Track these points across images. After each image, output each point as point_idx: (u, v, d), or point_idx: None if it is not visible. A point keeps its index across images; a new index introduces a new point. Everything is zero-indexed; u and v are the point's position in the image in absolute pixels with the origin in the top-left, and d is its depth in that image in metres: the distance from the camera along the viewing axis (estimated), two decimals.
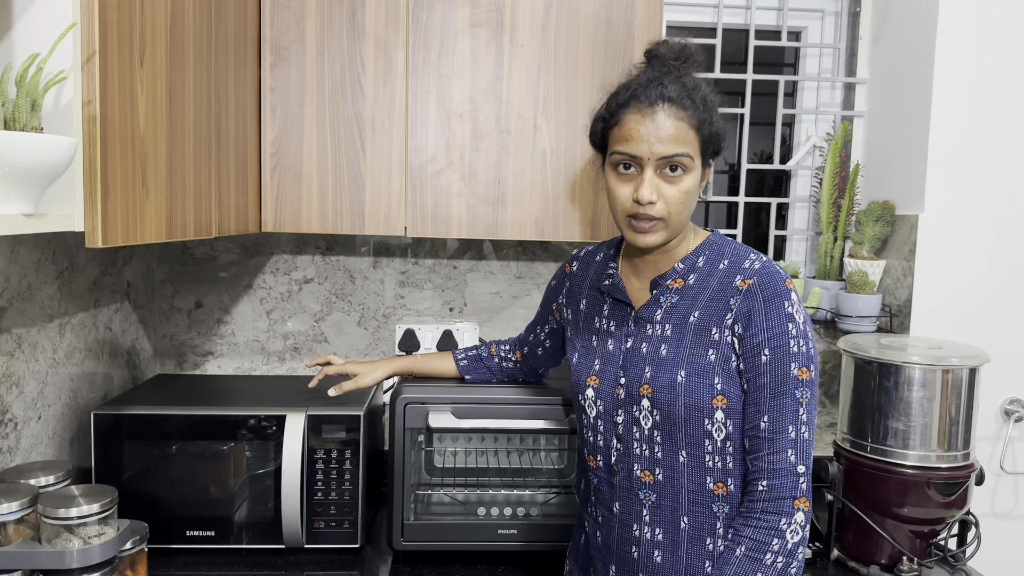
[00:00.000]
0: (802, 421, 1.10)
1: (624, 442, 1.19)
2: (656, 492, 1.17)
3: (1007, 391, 1.87)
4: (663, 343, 1.17)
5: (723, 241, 1.22)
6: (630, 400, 1.18)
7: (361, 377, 1.53)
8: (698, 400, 1.12)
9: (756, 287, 1.13)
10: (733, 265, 1.17)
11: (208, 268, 1.99)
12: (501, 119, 1.62)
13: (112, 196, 0.97)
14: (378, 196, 1.61)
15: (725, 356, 1.13)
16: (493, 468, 1.81)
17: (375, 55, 1.59)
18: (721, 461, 1.14)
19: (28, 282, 1.38)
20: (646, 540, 1.18)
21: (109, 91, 0.95)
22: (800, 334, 1.11)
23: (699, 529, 1.15)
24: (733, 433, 1.13)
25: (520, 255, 2.04)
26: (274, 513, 1.53)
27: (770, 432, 1.10)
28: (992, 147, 1.82)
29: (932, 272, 1.83)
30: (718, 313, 1.14)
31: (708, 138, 1.14)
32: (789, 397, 1.09)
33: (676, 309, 1.18)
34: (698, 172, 1.15)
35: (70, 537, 1.11)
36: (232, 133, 1.44)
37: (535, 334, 1.52)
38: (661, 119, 1.11)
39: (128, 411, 1.51)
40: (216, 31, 1.34)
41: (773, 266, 1.15)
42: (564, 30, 1.60)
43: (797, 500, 1.09)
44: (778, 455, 1.09)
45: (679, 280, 1.20)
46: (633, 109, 1.13)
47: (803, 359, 1.10)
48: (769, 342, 1.10)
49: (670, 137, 1.11)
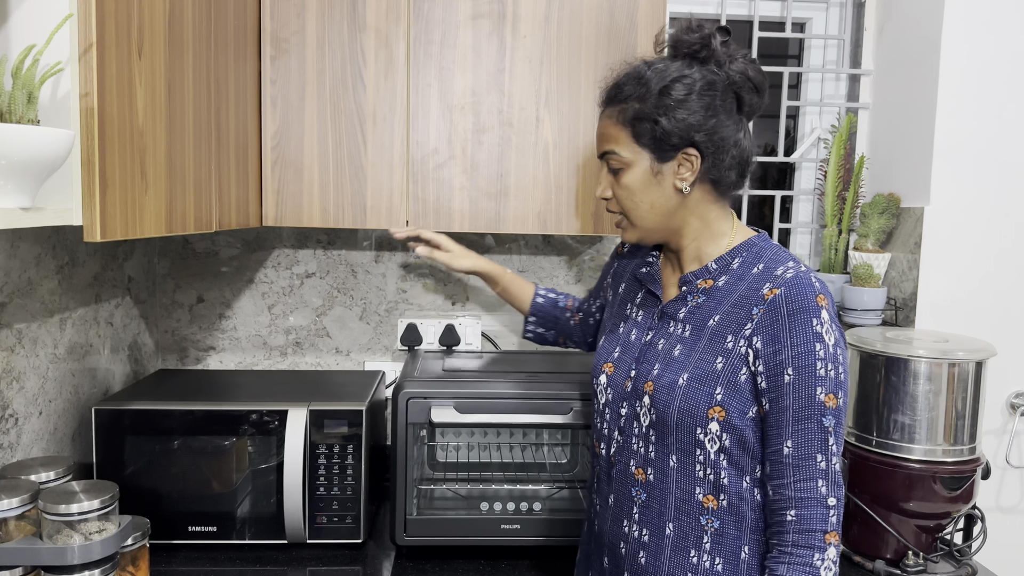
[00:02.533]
0: (832, 452, 1.03)
1: (624, 435, 1.18)
2: (647, 492, 1.14)
3: (1013, 385, 1.86)
4: (679, 343, 1.13)
5: (765, 244, 1.15)
6: (634, 394, 1.16)
7: (453, 257, 1.54)
8: (693, 407, 1.08)
9: (781, 299, 1.04)
10: (766, 271, 1.10)
11: (209, 263, 1.98)
12: (503, 112, 1.60)
13: (111, 189, 0.96)
14: (379, 190, 1.60)
15: (734, 367, 1.06)
16: (496, 463, 1.80)
17: (376, 47, 1.57)
18: (714, 474, 1.08)
19: (28, 277, 1.37)
20: (633, 539, 1.15)
21: (107, 83, 0.94)
22: (829, 356, 1.02)
23: (684, 539, 1.11)
24: (730, 448, 1.07)
25: (523, 249, 2.03)
26: (276, 508, 1.53)
27: (795, 459, 1.03)
28: (998, 139, 1.81)
29: (938, 265, 1.82)
30: (737, 321, 1.08)
31: (643, 130, 1.10)
32: (815, 423, 1.02)
33: (699, 310, 1.13)
34: (641, 166, 1.12)
35: (71, 533, 1.10)
36: (232, 126, 1.43)
37: (588, 303, 1.52)
38: (600, 120, 1.17)
39: (129, 406, 1.50)
40: (216, 23, 1.32)
41: (807, 278, 1.06)
42: (567, 21, 1.59)
43: (828, 534, 1.02)
44: (806, 483, 1.02)
45: (709, 280, 1.14)
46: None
47: (830, 385, 1.02)
48: (793, 360, 1.02)
49: (600, 136, 1.16)
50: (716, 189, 1.14)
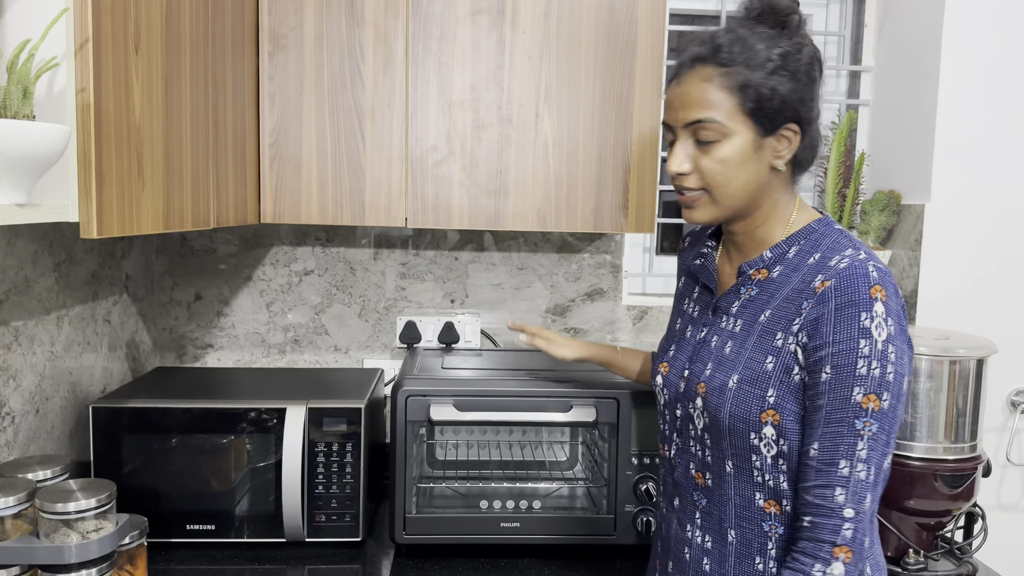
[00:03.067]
0: (859, 458, 0.94)
1: (682, 437, 1.13)
2: (706, 497, 1.09)
3: (1014, 382, 1.86)
4: (730, 340, 1.07)
5: (826, 230, 1.06)
6: (688, 395, 1.10)
7: (552, 345, 1.45)
8: (745, 411, 1.01)
9: (831, 291, 0.96)
10: (822, 260, 1.01)
11: (207, 260, 1.98)
12: (503, 108, 1.60)
13: (107, 186, 0.95)
14: (378, 187, 1.60)
15: (786, 367, 0.99)
16: (495, 461, 1.80)
17: (374, 43, 1.57)
18: (773, 479, 1.02)
19: (25, 274, 1.36)
20: (697, 544, 1.10)
21: (103, 79, 0.94)
22: (875, 354, 0.93)
23: (747, 546, 1.05)
24: (788, 453, 1.00)
25: (522, 246, 2.02)
26: (275, 506, 1.52)
27: (819, 462, 0.96)
28: (999, 136, 1.80)
29: (938, 262, 1.82)
30: (788, 316, 1.00)
31: (755, 101, 1.00)
32: (846, 426, 0.94)
33: (752, 303, 1.06)
34: (743, 139, 1.01)
35: (68, 532, 1.09)
36: (230, 123, 1.42)
37: None
38: (688, 82, 1.03)
39: (127, 404, 1.49)
40: (213, 19, 1.32)
41: (864, 267, 0.97)
42: (566, 17, 1.58)
43: (838, 548, 0.94)
44: (824, 490, 0.95)
45: (764, 271, 1.07)
46: (673, 75, 1.07)
47: (873, 385, 0.94)
48: (832, 358, 0.95)
49: (692, 101, 1.02)
50: (796, 170, 1.08)
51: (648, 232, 1.66)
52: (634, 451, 1.50)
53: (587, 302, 2.04)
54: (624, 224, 1.63)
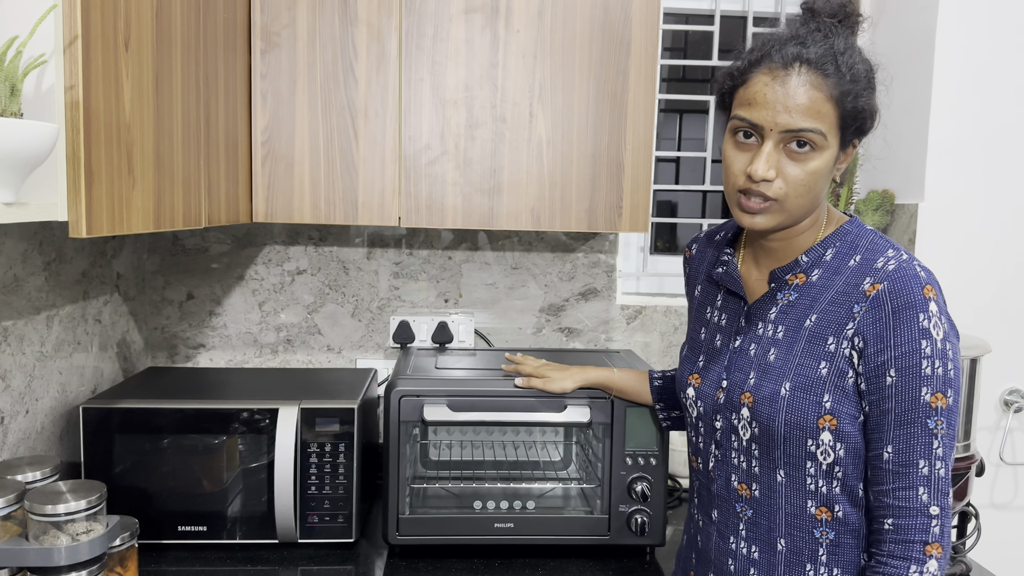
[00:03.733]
0: (936, 456, 0.95)
1: (722, 449, 1.10)
2: (752, 508, 1.07)
3: (1007, 381, 1.86)
4: (773, 347, 1.05)
5: (859, 231, 1.06)
6: (730, 406, 1.08)
7: (549, 382, 1.46)
8: (801, 418, 1.00)
9: (885, 295, 0.96)
10: (865, 263, 1.01)
11: (199, 259, 1.96)
12: (497, 107, 1.59)
13: (96, 184, 0.94)
14: (371, 185, 1.59)
15: (840, 371, 0.99)
16: (489, 461, 1.79)
17: (368, 41, 1.56)
18: (826, 485, 1.02)
19: (14, 273, 1.35)
20: (742, 555, 1.09)
21: (92, 76, 0.92)
22: (937, 353, 0.94)
23: (798, 554, 1.04)
24: (844, 458, 1.00)
25: (516, 246, 2.02)
26: (267, 507, 1.51)
27: (896, 464, 0.96)
28: (992, 136, 1.80)
29: (932, 261, 1.82)
30: (838, 320, 1.00)
31: (849, 113, 0.98)
32: (919, 426, 0.95)
33: (793, 309, 1.05)
34: (832, 152, 0.99)
35: (58, 534, 1.08)
36: (222, 121, 1.41)
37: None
38: (793, 85, 0.96)
39: (118, 405, 1.48)
40: (205, 16, 1.31)
41: (912, 268, 0.97)
42: (561, 16, 1.58)
43: (929, 545, 0.95)
44: (907, 491, 0.96)
45: (801, 275, 1.06)
46: (764, 69, 0.98)
47: (938, 383, 0.94)
48: (896, 361, 0.95)
49: (801, 107, 0.96)
50: (836, 178, 1.06)
51: (642, 231, 1.65)
52: (628, 451, 1.50)
53: (581, 301, 2.03)
54: (618, 223, 1.63)
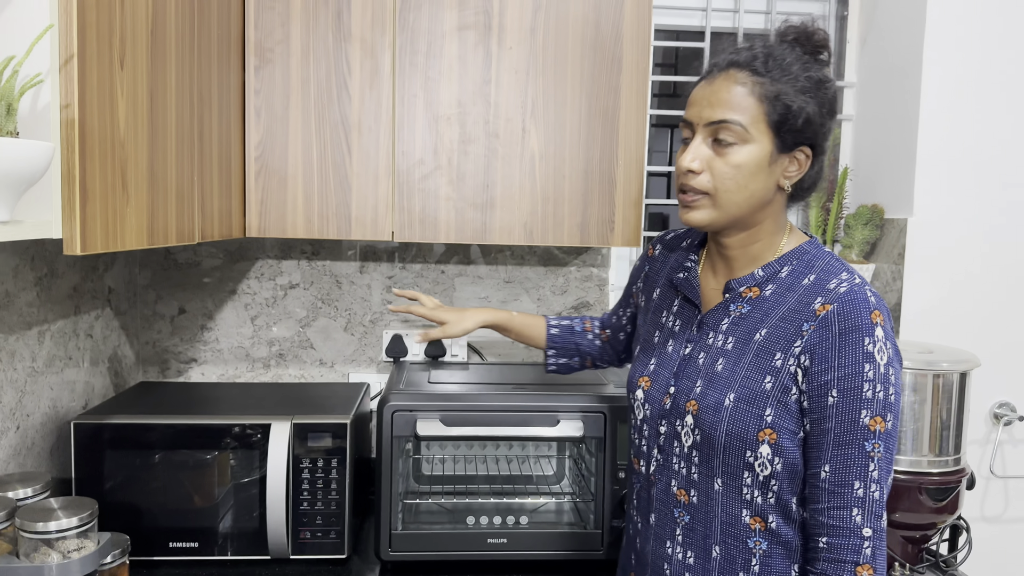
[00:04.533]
0: (872, 478, 0.97)
1: (664, 454, 1.12)
2: (690, 514, 1.09)
3: (996, 395, 1.87)
4: (721, 357, 1.07)
5: (817, 252, 1.09)
6: (675, 412, 1.10)
7: (450, 326, 1.43)
8: (742, 429, 1.02)
9: (833, 316, 0.99)
10: (819, 283, 1.04)
11: (191, 273, 1.96)
12: (489, 122, 1.60)
13: (91, 202, 0.95)
14: (365, 200, 1.59)
15: (784, 387, 1.01)
16: (482, 476, 1.79)
17: (361, 57, 1.57)
18: (761, 496, 1.03)
19: (6, 289, 1.34)
20: (678, 560, 1.10)
21: (88, 94, 0.93)
22: (879, 377, 0.97)
23: (731, 562, 1.06)
24: (780, 472, 1.02)
25: (508, 259, 2.02)
26: (259, 523, 1.51)
27: (832, 484, 0.98)
28: (981, 150, 1.82)
29: (921, 276, 1.83)
30: (787, 337, 1.02)
31: (780, 113, 1.01)
32: (856, 448, 0.97)
33: (744, 321, 1.07)
34: (761, 149, 1.02)
35: (49, 551, 1.08)
36: (215, 136, 1.41)
37: (617, 316, 1.43)
38: (719, 83, 1.03)
39: (109, 420, 1.47)
40: (199, 33, 1.31)
41: (863, 292, 1.00)
42: (553, 33, 1.59)
43: (860, 567, 0.97)
44: (841, 511, 0.98)
45: (755, 289, 1.08)
46: (703, 76, 1.07)
47: (878, 407, 0.97)
48: (839, 382, 0.97)
49: (722, 100, 1.02)
50: (796, 195, 1.09)
51: (634, 246, 1.66)
52: (621, 465, 1.50)
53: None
54: (611, 238, 1.64)
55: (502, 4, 1.57)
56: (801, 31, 1.06)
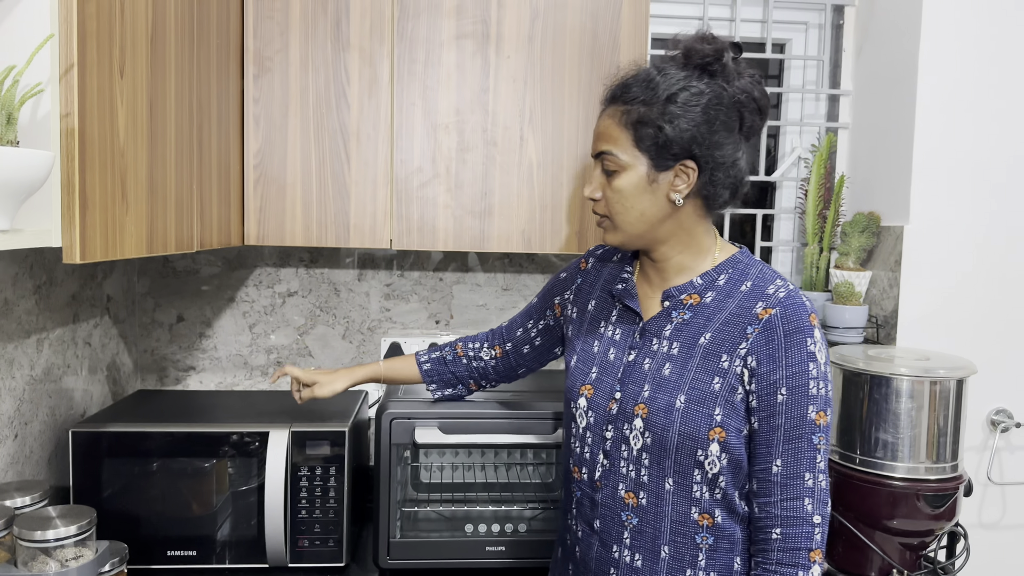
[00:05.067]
0: (819, 469, 1.04)
1: (611, 459, 1.14)
2: (638, 516, 1.12)
3: (993, 401, 1.88)
4: (668, 362, 1.11)
5: (749, 261, 1.15)
6: (623, 417, 1.13)
7: (318, 387, 1.45)
8: (694, 429, 1.06)
9: (777, 319, 1.05)
10: (756, 289, 1.10)
11: (190, 281, 1.96)
12: (487, 131, 1.61)
13: (91, 211, 0.95)
14: (363, 208, 1.60)
15: (731, 387, 1.06)
16: (480, 483, 1.79)
17: (360, 66, 1.57)
18: (709, 493, 1.08)
19: (5, 297, 1.35)
20: (625, 564, 1.13)
21: (88, 103, 0.93)
22: (820, 375, 1.04)
23: (680, 560, 1.10)
24: (726, 468, 1.07)
25: (507, 267, 2.03)
26: (257, 531, 1.50)
27: (784, 477, 1.04)
28: (976, 158, 1.83)
29: (918, 283, 1.84)
30: (732, 340, 1.07)
31: (647, 136, 1.07)
32: (805, 442, 1.03)
33: (687, 327, 1.12)
34: (638, 173, 1.09)
35: (47, 560, 1.08)
36: (214, 145, 1.42)
37: (524, 329, 1.43)
38: (601, 119, 1.13)
39: (107, 428, 1.47)
40: (198, 42, 1.32)
41: (799, 297, 1.08)
42: (550, 42, 1.60)
43: (813, 552, 1.04)
44: (793, 502, 1.04)
45: (695, 296, 1.13)
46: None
47: (822, 403, 1.04)
48: (787, 381, 1.03)
49: (600, 135, 1.12)
50: (707, 205, 1.13)
51: None
52: None
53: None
54: None
55: (500, 13, 1.58)
56: (682, 50, 1.10)
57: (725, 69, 1.08)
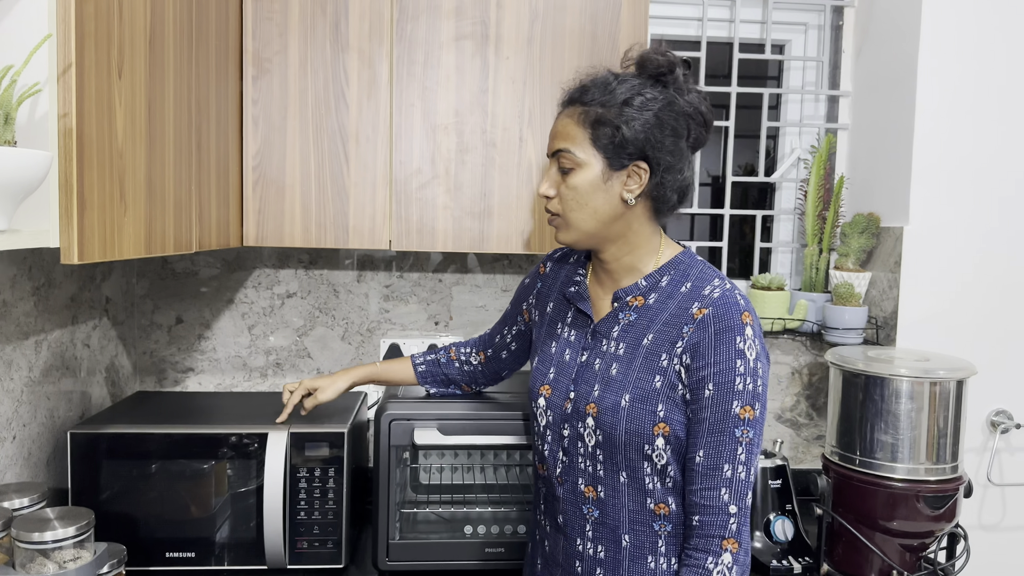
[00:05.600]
0: (739, 461, 1.08)
1: (569, 455, 1.19)
2: (599, 508, 1.16)
3: (993, 402, 1.88)
4: (615, 362, 1.16)
5: (691, 261, 1.19)
6: (576, 416, 1.18)
7: (321, 392, 1.50)
8: (639, 427, 1.11)
9: (710, 318, 1.10)
10: (694, 290, 1.14)
11: (189, 283, 1.96)
12: (487, 132, 1.60)
13: (89, 211, 0.95)
14: (362, 209, 1.60)
15: (671, 384, 1.11)
16: (479, 485, 1.79)
17: (359, 67, 1.57)
18: (660, 483, 1.13)
19: (3, 299, 1.34)
20: (588, 556, 1.18)
21: (86, 103, 0.93)
22: (748, 371, 1.08)
23: (640, 548, 1.15)
24: (673, 459, 1.12)
25: (506, 268, 2.02)
26: (256, 533, 1.50)
27: (704, 467, 1.09)
28: (976, 159, 1.83)
29: (917, 284, 1.84)
30: (670, 339, 1.12)
31: (603, 134, 1.11)
32: (728, 435, 1.08)
33: (633, 328, 1.16)
34: (593, 171, 1.12)
35: (45, 562, 1.07)
36: (213, 146, 1.41)
37: (501, 336, 1.49)
38: (559, 119, 1.17)
39: (106, 430, 1.47)
40: (197, 43, 1.32)
41: (733, 296, 1.12)
42: (549, 43, 1.60)
43: (725, 540, 1.08)
44: (711, 492, 1.08)
45: (640, 298, 1.18)
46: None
47: (747, 397, 1.08)
48: (714, 377, 1.08)
49: (557, 134, 1.16)
50: (655, 207, 1.17)
51: None
52: None
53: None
54: None
55: (499, 14, 1.58)
56: (638, 61, 1.15)
57: (676, 81, 1.14)
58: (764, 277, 2.01)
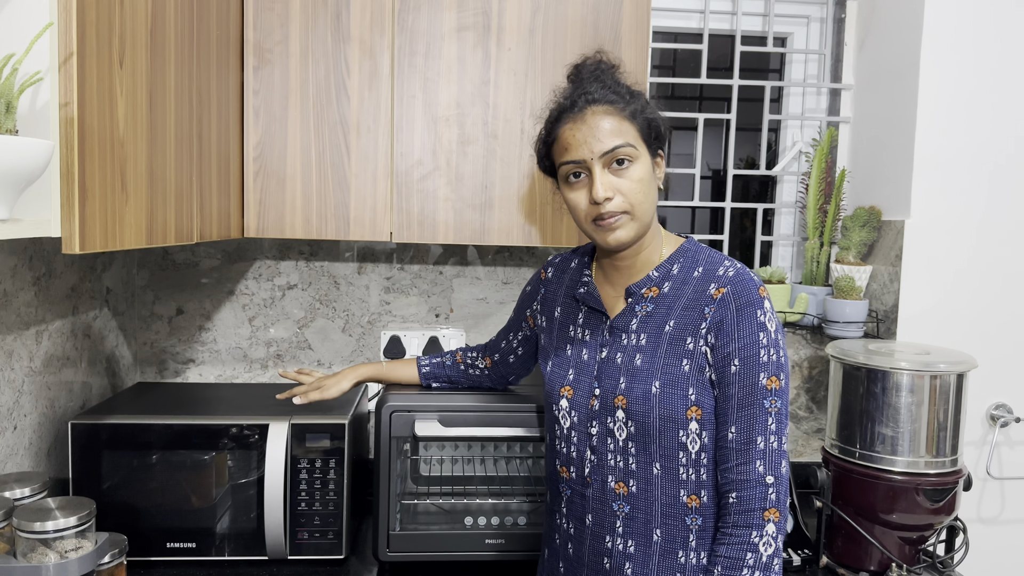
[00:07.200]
0: (771, 431, 1.09)
1: (598, 453, 1.19)
2: (630, 504, 1.16)
3: (993, 396, 1.88)
4: (638, 353, 1.16)
5: (697, 248, 1.22)
6: (604, 411, 1.18)
7: (324, 390, 1.51)
8: (673, 411, 1.12)
9: (730, 295, 1.12)
10: (707, 273, 1.17)
11: (189, 274, 1.96)
12: (488, 123, 1.60)
13: (90, 201, 0.95)
14: (363, 201, 1.59)
15: (699, 366, 1.12)
16: (480, 476, 1.79)
17: (360, 58, 1.57)
18: (695, 473, 1.13)
19: (3, 288, 1.34)
20: (618, 552, 1.17)
21: (87, 93, 0.93)
22: (771, 343, 1.10)
23: (671, 542, 1.14)
24: (707, 444, 1.13)
25: (507, 260, 2.02)
26: (257, 523, 1.50)
27: (738, 443, 1.09)
28: (978, 153, 1.83)
29: (918, 277, 1.84)
30: (692, 322, 1.13)
31: (646, 125, 1.16)
32: (758, 407, 1.09)
33: (651, 318, 1.17)
34: (647, 160, 1.16)
35: (46, 551, 1.08)
36: (214, 136, 1.41)
37: (507, 341, 1.50)
38: (592, 119, 1.14)
39: (107, 420, 1.47)
40: (198, 33, 1.31)
41: (747, 273, 1.15)
42: (551, 34, 1.59)
43: (767, 511, 1.07)
44: (746, 466, 1.08)
45: (654, 288, 1.19)
46: (566, 122, 1.17)
47: (773, 368, 1.10)
48: (740, 352, 1.10)
49: (607, 132, 1.13)
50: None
51: None
52: None
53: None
54: None
55: (501, 5, 1.58)
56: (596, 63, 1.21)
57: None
58: (765, 270, 2.01)
